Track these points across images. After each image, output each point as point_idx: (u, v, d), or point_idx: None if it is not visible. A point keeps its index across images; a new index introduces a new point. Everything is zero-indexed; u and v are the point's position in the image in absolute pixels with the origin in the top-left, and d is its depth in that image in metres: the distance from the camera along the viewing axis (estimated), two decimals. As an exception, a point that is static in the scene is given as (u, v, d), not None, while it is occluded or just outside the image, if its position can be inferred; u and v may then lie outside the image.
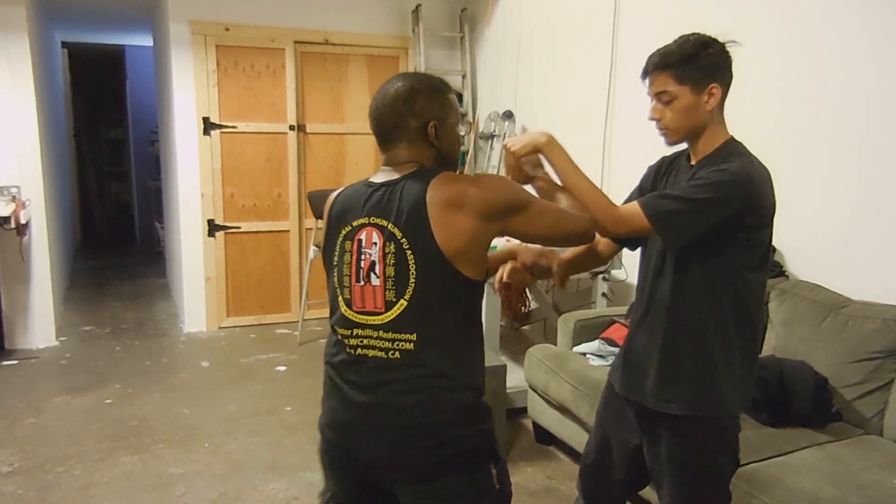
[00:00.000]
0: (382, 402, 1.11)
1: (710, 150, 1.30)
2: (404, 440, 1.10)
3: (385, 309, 1.11)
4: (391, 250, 1.10)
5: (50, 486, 2.27)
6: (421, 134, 1.15)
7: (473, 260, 1.10)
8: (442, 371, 1.10)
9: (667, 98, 1.26)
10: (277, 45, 4.01)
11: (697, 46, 1.26)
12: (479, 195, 1.09)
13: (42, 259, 3.66)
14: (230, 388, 3.17)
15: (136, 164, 6.95)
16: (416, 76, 1.20)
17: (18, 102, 3.49)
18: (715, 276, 1.28)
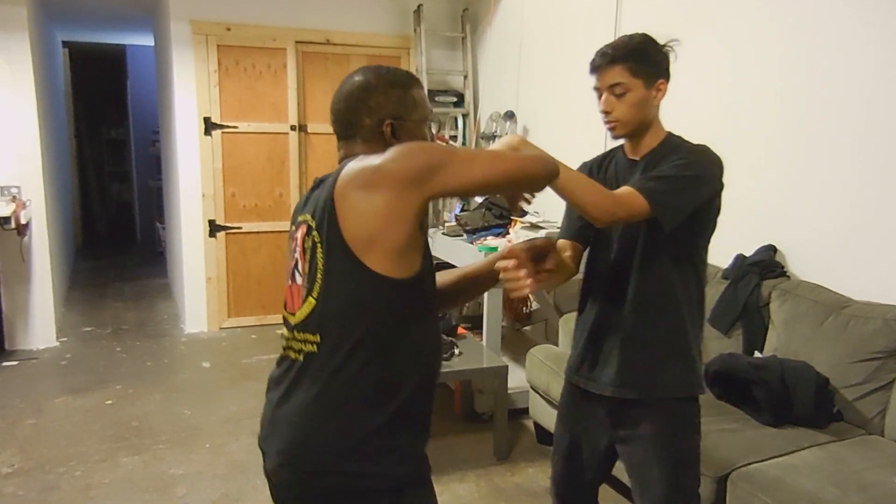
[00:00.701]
0: (282, 408, 1.01)
1: (654, 144, 1.35)
2: (285, 456, 0.99)
3: (299, 307, 1.02)
4: (308, 245, 1.01)
5: (50, 487, 2.26)
6: (376, 133, 1.04)
7: (390, 250, 0.94)
8: (341, 384, 0.96)
9: (620, 90, 1.29)
10: (279, 45, 4.01)
11: (648, 42, 1.32)
12: (389, 165, 0.94)
13: (42, 259, 3.66)
14: (231, 388, 3.17)
15: (137, 164, 6.96)
16: (377, 70, 1.08)
17: (19, 102, 3.49)
18: (682, 259, 1.33)
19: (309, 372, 0.99)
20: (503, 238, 2.99)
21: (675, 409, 1.36)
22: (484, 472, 2.39)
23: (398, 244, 0.95)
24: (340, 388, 0.97)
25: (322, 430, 0.97)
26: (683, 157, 1.29)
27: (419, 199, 0.95)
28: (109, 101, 7.29)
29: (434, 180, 0.95)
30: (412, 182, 0.94)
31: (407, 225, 0.95)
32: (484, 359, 2.60)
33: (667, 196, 1.25)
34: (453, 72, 4.30)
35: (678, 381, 1.36)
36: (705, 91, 2.51)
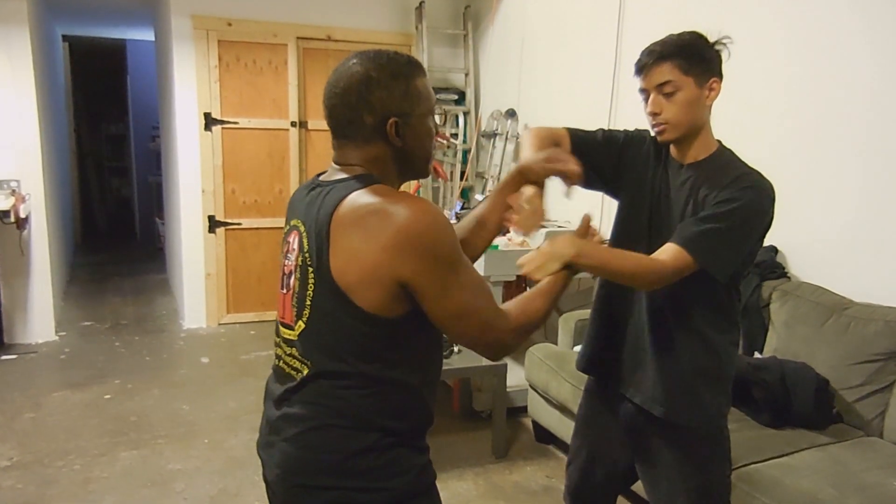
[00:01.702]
0: (279, 423, 0.98)
1: (704, 155, 1.25)
2: (282, 470, 0.96)
3: (293, 325, 0.97)
4: (300, 263, 0.95)
5: (49, 481, 2.26)
6: (378, 131, 0.94)
7: (373, 297, 0.88)
8: (333, 406, 0.93)
9: (670, 89, 1.19)
10: (280, 41, 4.00)
11: (699, 39, 1.22)
12: (395, 218, 0.86)
13: (42, 253, 3.65)
14: (230, 384, 3.17)
15: (137, 159, 6.94)
16: (375, 59, 0.95)
17: (19, 96, 3.48)
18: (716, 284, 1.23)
19: (304, 392, 0.96)
20: (503, 236, 2.99)
21: (706, 435, 1.28)
22: (482, 471, 2.39)
23: (376, 298, 0.89)
24: (336, 411, 0.93)
25: (319, 447, 0.94)
26: (734, 197, 1.16)
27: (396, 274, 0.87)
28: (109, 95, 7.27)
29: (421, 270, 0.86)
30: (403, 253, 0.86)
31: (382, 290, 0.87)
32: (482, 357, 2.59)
33: (715, 251, 1.16)
34: (455, 69, 4.29)
35: (711, 407, 1.27)
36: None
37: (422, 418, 1.00)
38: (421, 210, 0.87)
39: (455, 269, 0.89)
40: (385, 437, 0.94)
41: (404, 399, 0.96)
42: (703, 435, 1.29)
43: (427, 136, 0.99)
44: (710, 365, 1.28)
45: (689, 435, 1.28)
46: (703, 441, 1.29)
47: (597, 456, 1.42)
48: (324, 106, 1.00)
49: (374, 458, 0.94)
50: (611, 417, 1.38)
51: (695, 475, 1.29)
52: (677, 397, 1.27)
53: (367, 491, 0.94)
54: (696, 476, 1.30)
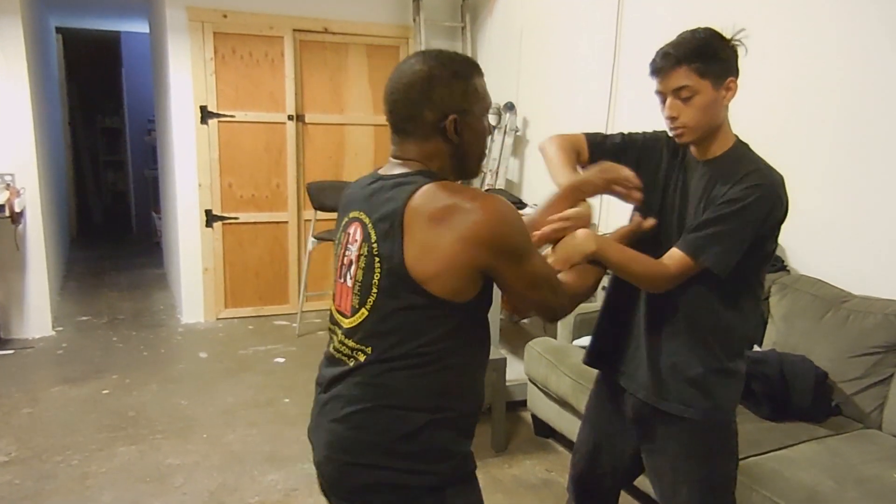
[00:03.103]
0: (330, 404, 1.03)
1: (720, 152, 1.26)
2: (331, 449, 1.02)
3: (350, 313, 1.02)
4: (364, 252, 0.99)
5: (47, 476, 2.26)
6: (438, 128, 0.99)
7: (450, 287, 0.95)
8: (389, 389, 0.98)
9: (687, 94, 1.18)
10: (276, 33, 3.97)
11: (714, 38, 1.20)
12: (473, 216, 0.92)
13: (38, 248, 3.63)
14: (228, 379, 3.16)
15: (133, 153, 6.90)
16: (438, 57, 1.01)
17: (12, 89, 3.45)
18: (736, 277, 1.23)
19: (359, 378, 1.00)
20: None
21: (710, 428, 1.28)
22: (482, 465, 2.36)
23: (451, 285, 0.96)
24: (389, 395, 0.98)
25: (369, 427, 0.99)
26: (740, 196, 1.17)
27: (476, 264, 0.95)
28: (104, 88, 7.21)
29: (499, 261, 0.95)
30: (482, 247, 0.93)
31: (460, 278, 0.95)
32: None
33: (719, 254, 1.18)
34: (453, 62, 4.26)
35: (717, 400, 1.27)
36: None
37: (472, 403, 1.06)
38: (495, 206, 0.94)
39: (527, 254, 0.99)
40: (435, 421, 0.99)
41: (457, 383, 1.01)
42: (709, 427, 1.29)
43: (482, 134, 1.06)
44: (713, 359, 1.27)
45: (694, 426, 1.28)
46: (708, 433, 1.29)
47: (603, 446, 1.43)
48: (385, 102, 1.04)
49: (423, 441, 0.98)
50: (617, 408, 1.39)
51: (699, 467, 1.29)
52: (675, 390, 1.28)
53: (414, 473, 0.98)
54: (700, 468, 1.29)
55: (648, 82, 1.28)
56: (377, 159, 4.36)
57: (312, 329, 3.91)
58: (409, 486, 0.98)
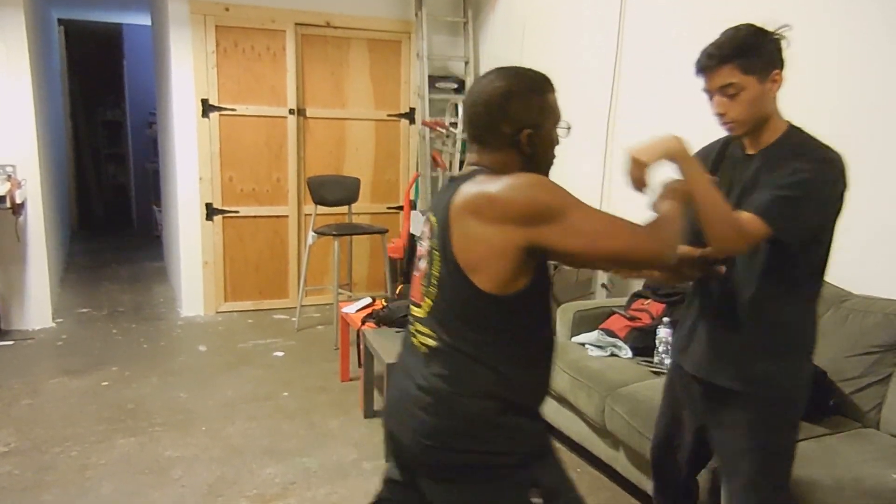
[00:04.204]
0: (413, 392, 1.10)
1: (773, 139, 1.29)
2: (418, 434, 1.09)
3: (421, 303, 1.13)
4: (430, 248, 1.10)
5: (47, 467, 2.26)
6: (513, 140, 1.07)
7: (499, 276, 1.00)
8: (458, 378, 1.06)
9: (733, 91, 1.23)
10: (278, 27, 3.96)
11: (756, 35, 1.24)
12: (500, 196, 0.98)
13: (38, 240, 3.63)
14: (228, 372, 3.16)
15: (134, 146, 6.89)
16: (517, 75, 1.09)
17: (14, 80, 3.44)
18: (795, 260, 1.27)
19: (433, 363, 1.08)
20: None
21: (769, 401, 1.32)
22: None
23: (500, 274, 1.00)
24: (461, 384, 1.05)
25: (450, 414, 1.06)
26: (804, 167, 1.21)
27: (521, 241, 0.98)
28: (106, 81, 7.20)
29: (541, 229, 0.97)
30: (519, 218, 0.97)
31: (509, 262, 0.99)
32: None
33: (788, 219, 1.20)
34: (454, 57, 4.25)
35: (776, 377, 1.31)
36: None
37: (540, 388, 1.12)
38: (516, 180, 0.99)
39: (563, 208, 0.98)
40: (508, 406, 1.06)
41: (522, 372, 1.07)
42: (768, 401, 1.32)
43: (552, 146, 1.13)
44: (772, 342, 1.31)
45: (752, 400, 1.32)
46: (767, 406, 1.32)
47: (674, 428, 1.51)
48: (464, 113, 1.13)
49: (501, 424, 1.05)
50: (684, 391, 1.45)
51: (757, 438, 1.33)
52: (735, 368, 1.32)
53: (499, 454, 1.06)
54: (758, 439, 1.33)
55: (650, 78, 1.29)
56: (378, 154, 4.36)
57: (312, 323, 3.91)
58: (497, 466, 1.06)
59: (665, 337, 2.23)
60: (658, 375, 2.16)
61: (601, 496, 2.15)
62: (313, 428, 2.62)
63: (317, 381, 3.02)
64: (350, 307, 2.98)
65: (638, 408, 1.96)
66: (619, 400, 2.04)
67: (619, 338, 2.39)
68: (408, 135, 4.40)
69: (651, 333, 2.30)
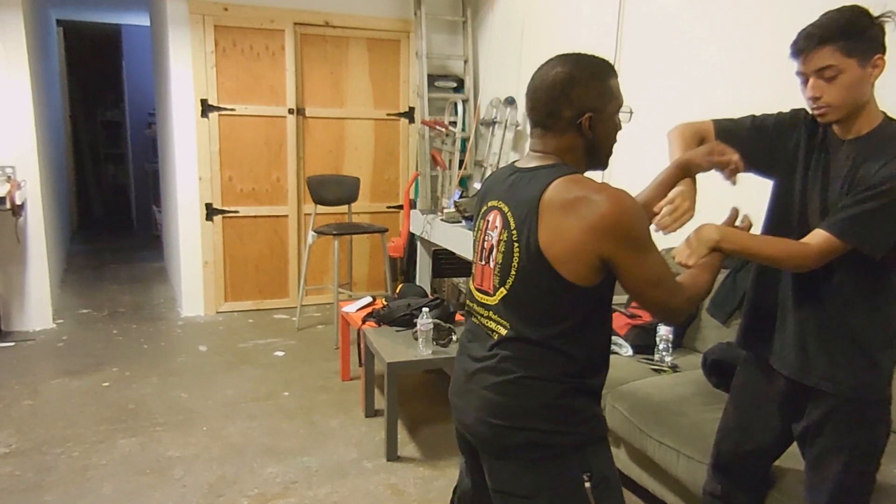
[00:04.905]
0: (479, 374, 1.15)
1: (868, 129, 1.23)
2: (484, 413, 1.13)
3: (493, 292, 1.15)
4: (504, 238, 1.12)
5: (48, 468, 2.27)
6: (574, 125, 1.10)
7: (578, 271, 1.06)
8: (529, 361, 1.10)
9: (831, 73, 1.18)
10: (277, 27, 3.96)
11: (861, 17, 1.19)
12: (600, 207, 1.02)
13: (38, 240, 3.64)
14: (228, 372, 3.17)
15: (133, 146, 6.90)
16: (578, 61, 1.12)
17: (13, 81, 3.44)
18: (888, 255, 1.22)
19: (503, 348, 1.13)
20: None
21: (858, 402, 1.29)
22: (480, 458, 2.40)
23: (579, 270, 1.05)
24: (530, 367, 1.10)
25: (517, 395, 1.11)
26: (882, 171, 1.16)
27: (601, 252, 1.03)
28: (105, 81, 7.21)
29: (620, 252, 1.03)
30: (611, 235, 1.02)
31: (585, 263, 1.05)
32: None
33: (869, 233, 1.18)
34: (453, 56, 4.25)
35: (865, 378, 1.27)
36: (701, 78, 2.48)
37: (601, 373, 1.16)
38: (620, 199, 1.04)
39: (646, 248, 1.06)
40: (572, 389, 1.11)
41: (588, 356, 1.12)
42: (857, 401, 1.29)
43: (614, 130, 1.15)
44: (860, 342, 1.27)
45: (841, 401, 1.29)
46: (856, 407, 1.29)
47: (750, 424, 1.44)
48: (527, 99, 1.15)
49: (563, 406, 1.11)
50: (766, 387, 1.40)
51: (846, 437, 1.30)
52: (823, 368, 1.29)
53: (559, 434, 1.11)
54: (846, 437, 1.30)
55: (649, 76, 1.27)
56: (377, 153, 4.36)
57: (312, 323, 3.91)
58: (556, 445, 1.11)
59: (665, 335, 2.23)
60: (658, 373, 2.16)
61: (602, 494, 2.16)
62: (314, 427, 2.62)
63: (317, 381, 3.03)
64: (350, 306, 2.99)
65: (638, 405, 1.96)
66: (620, 397, 2.04)
67: (619, 336, 2.39)
68: (407, 134, 4.40)
69: (651, 331, 2.31)
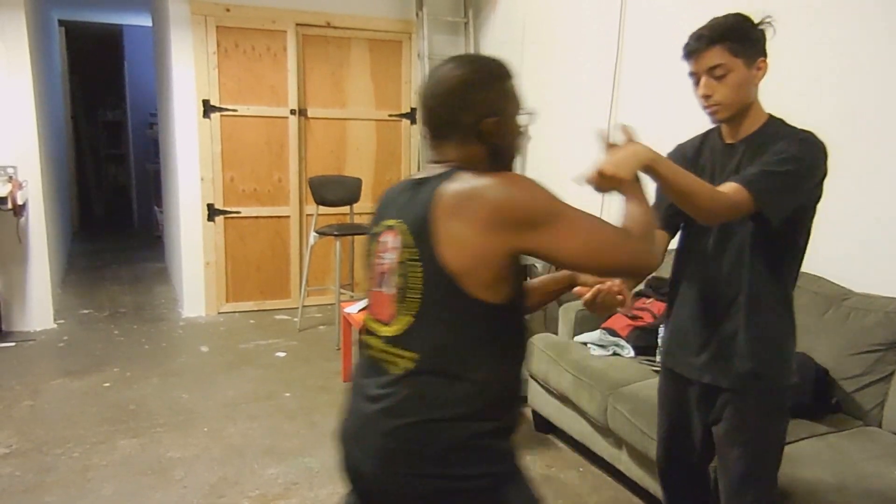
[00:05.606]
0: (375, 417, 1.02)
1: (755, 128, 1.30)
2: (384, 463, 1.00)
3: (390, 321, 1.02)
4: (404, 258, 0.99)
5: (48, 469, 2.26)
6: (475, 131, 1.00)
7: (487, 282, 0.94)
8: (438, 399, 0.98)
9: (720, 72, 1.25)
10: (279, 27, 3.96)
11: (745, 21, 1.27)
12: (485, 197, 0.91)
13: (40, 241, 3.64)
14: (229, 373, 3.16)
15: (135, 146, 6.90)
16: (474, 62, 1.04)
17: (15, 81, 3.45)
18: (779, 250, 1.30)
19: (406, 385, 0.99)
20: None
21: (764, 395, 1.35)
22: (481, 459, 2.39)
23: (494, 277, 0.94)
24: (434, 408, 0.98)
25: (420, 440, 0.98)
26: (789, 147, 1.24)
27: (508, 245, 0.92)
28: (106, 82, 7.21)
29: (528, 235, 0.91)
30: (504, 222, 0.90)
31: (494, 269, 0.93)
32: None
33: (773, 193, 1.21)
34: (455, 57, 4.25)
35: (769, 370, 1.34)
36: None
37: (514, 405, 1.08)
38: (505, 182, 0.93)
39: (558, 217, 0.93)
40: (481, 428, 0.99)
41: (500, 388, 1.02)
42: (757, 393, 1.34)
43: (516, 133, 1.06)
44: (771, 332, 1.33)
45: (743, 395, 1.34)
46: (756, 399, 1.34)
47: (676, 430, 1.49)
48: (422, 107, 1.05)
49: (472, 447, 0.99)
50: (682, 391, 1.45)
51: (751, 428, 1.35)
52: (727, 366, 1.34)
53: (470, 478, 0.98)
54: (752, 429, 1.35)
55: (650, 78, 1.30)
56: (379, 154, 4.36)
57: (313, 323, 3.91)
58: (467, 491, 0.99)
59: (667, 336, 2.23)
60: (660, 374, 2.16)
61: (604, 495, 2.15)
62: (315, 428, 2.62)
63: (318, 381, 3.02)
64: (352, 307, 2.98)
65: (640, 407, 1.96)
66: (622, 399, 2.04)
67: (621, 337, 2.39)
68: (409, 135, 4.40)
69: (653, 332, 2.30)
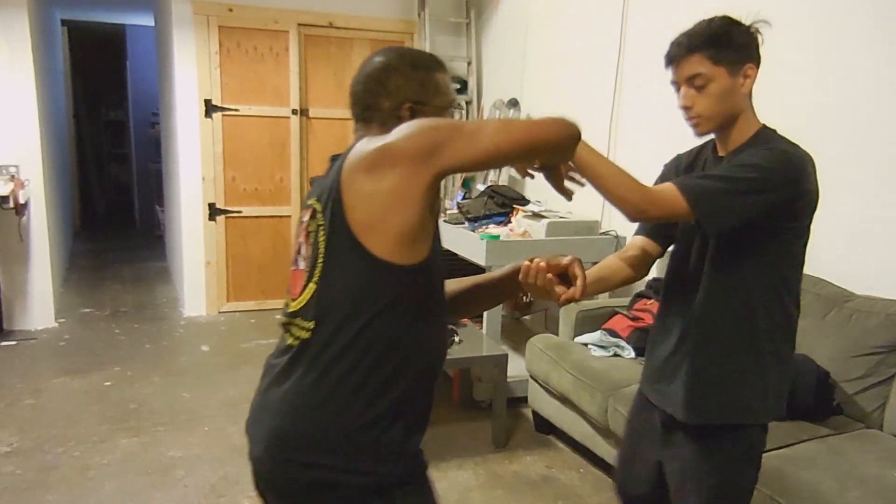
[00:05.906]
0: (268, 396, 0.97)
1: (743, 140, 1.20)
2: (271, 446, 0.94)
3: (299, 294, 0.98)
4: (312, 228, 0.97)
5: (49, 467, 2.27)
6: (395, 116, 1.00)
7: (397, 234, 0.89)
8: (322, 373, 0.92)
9: (700, 81, 1.15)
10: (281, 28, 3.97)
11: (729, 25, 1.16)
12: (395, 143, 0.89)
13: (41, 240, 3.64)
14: (230, 372, 3.17)
15: (137, 146, 6.91)
16: (399, 52, 1.05)
17: (18, 80, 3.45)
18: (752, 277, 1.18)
19: (303, 359, 0.94)
20: (505, 227, 2.98)
21: (726, 435, 1.22)
22: (482, 460, 2.40)
23: (406, 228, 0.89)
24: (333, 378, 0.91)
25: (310, 420, 0.92)
26: (753, 156, 1.12)
27: (427, 177, 0.88)
28: (109, 81, 7.23)
29: (441, 156, 0.87)
30: (418, 159, 0.88)
31: (415, 206, 0.89)
32: (484, 347, 2.60)
33: (712, 198, 1.10)
34: (457, 58, 4.25)
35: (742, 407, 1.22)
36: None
37: (426, 396, 1.00)
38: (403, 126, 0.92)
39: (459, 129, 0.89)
40: (383, 416, 0.92)
41: (409, 373, 0.95)
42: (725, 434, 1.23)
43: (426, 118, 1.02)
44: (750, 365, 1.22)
45: (709, 432, 1.23)
46: (723, 440, 1.23)
47: (637, 454, 1.41)
48: (350, 93, 1.07)
49: (369, 438, 0.92)
50: (648, 418, 1.36)
51: (710, 475, 1.23)
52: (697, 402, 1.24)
53: (357, 473, 0.91)
54: (711, 475, 1.23)
55: (653, 79, 1.27)
56: (380, 155, 4.36)
57: (314, 324, 3.91)
58: (352, 486, 0.92)
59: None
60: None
61: (604, 496, 2.15)
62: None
63: (319, 381, 3.03)
64: (352, 307, 2.98)
65: (641, 408, 1.96)
66: (622, 400, 2.04)
67: (621, 338, 2.39)
68: (410, 135, 4.40)
69: (654, 334, 2.30)
